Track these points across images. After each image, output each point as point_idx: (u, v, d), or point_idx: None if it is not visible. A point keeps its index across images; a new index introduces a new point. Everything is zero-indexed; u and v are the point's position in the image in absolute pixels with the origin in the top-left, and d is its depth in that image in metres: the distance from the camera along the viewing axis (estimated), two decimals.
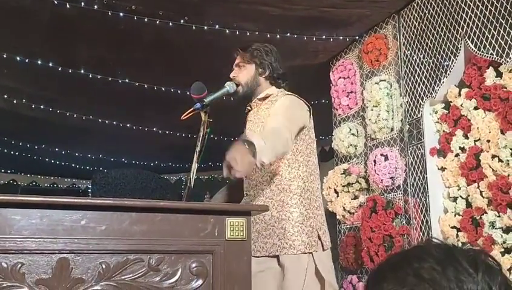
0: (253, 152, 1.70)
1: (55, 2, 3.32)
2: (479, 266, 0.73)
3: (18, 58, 4.05)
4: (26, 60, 4.10)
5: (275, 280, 2.07)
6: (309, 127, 2.21)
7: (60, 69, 4.25)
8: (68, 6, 3.34)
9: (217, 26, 3.69)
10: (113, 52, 4.14)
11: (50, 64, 4.18)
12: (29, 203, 1.26)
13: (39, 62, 4.13)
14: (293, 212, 2.08)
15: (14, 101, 5.05)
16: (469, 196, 3.04)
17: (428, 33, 3.36)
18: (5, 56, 4.01)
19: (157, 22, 3.56)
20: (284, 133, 1.95)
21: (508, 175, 2.75)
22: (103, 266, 1.29)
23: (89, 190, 8.23)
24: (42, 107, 5.20)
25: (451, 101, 3.24)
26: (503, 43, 2.76)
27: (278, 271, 2.07)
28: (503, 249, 2.75)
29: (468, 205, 3.05)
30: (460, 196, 3.11)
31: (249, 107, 2.31)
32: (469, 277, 0.72)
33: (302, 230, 2.06)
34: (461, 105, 3.14)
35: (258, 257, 2.08)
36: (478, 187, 2.95)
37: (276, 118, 2.05)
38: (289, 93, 2.23)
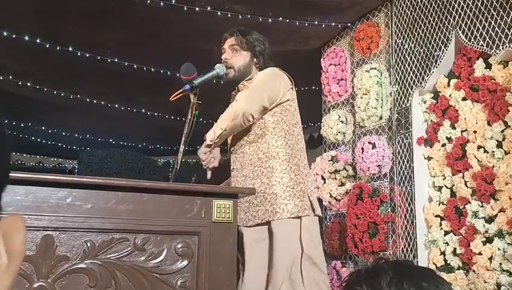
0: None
1: None
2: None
3: (5, 34, 3.98)
4: (14, 36, 4.02)
5: (269, 248, 2.08)
6: (292, 98, 2.23)
7: (48, 46, 4.17)
8: None
9: (209, 8, 3.65)
10: (102, 31, 4.08)
11: (38, 41, 4.11)
12: (15, 179, 1.25)
13: (27, 38, 4.06)
14: (283, 177, 2.10)
15: (1, 78, 4.96)
16: (453, 185, 3.07)
17: (420, 22, 3.37)
18: None
19: (148, 2, 3.51)
20: (233, 106, 2.09)
21: (493, 166, 2.78)
22: (88, 245, 1.29)
23: (76, 170, 8.15)
24: (28, 84, 5.12)
25: (439, 91, 3.26)
26: (493, 34, 2.77)
27: (270, 239, 2.09)
28: (484, 239, 2.80)
29: (453, 194, 3.09)
30: (445, 186, 3.15)
31: (236, 88, 2.31)
32: None
33: (293, 194, 2.08)
34: (449, 95, 3.16)
35: (251, 226, 2.10)
36: (463, 177, 2.99)
37: (238, 95, 2.16)
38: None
